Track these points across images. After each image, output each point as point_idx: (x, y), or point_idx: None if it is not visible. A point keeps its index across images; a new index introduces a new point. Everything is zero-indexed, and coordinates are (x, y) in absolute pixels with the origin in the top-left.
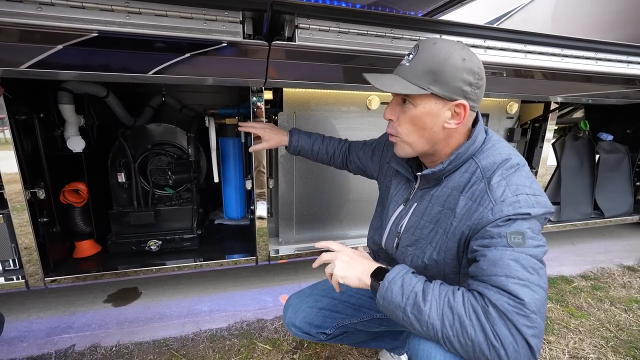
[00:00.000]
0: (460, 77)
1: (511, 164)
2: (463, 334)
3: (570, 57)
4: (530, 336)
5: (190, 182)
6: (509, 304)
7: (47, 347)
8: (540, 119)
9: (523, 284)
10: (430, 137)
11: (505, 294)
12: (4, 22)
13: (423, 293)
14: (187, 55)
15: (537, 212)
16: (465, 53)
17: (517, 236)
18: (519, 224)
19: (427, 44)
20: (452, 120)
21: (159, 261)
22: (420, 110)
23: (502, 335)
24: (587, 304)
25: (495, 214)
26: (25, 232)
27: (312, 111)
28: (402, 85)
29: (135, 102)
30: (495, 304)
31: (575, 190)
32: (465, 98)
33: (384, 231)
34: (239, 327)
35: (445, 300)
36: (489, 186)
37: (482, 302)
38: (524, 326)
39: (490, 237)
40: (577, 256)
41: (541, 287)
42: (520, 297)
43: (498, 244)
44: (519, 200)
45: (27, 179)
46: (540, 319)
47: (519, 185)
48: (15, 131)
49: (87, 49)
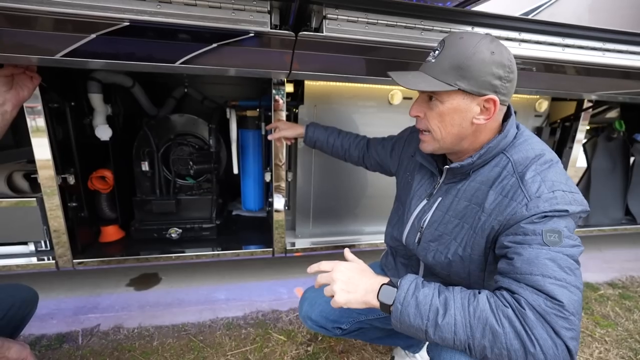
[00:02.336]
0: (489, 70)
1: (545, 159)
2: (497, 343)
3: (612, 51)
4: (569, 339)
5: (211, 172)
6: (547, 305)
7: (74, 325)
8: (572, 118)
9: (560, 285)
10: (458, 134)
11: (542, 295)
12: (42, 11)
13: (445, 308)
14: (214, 45)
15: (575, 210)
16: (495, 46)
17: (553, 234)
18: (555, 221)
19: (454, 39)
20: (481, 115)
21: (178, 249)
22: (448, 107)
23: (540, 340)
24: (615, 313)
25: (531, 209)
26: (55, 215)
27: (333, 104)
28: (427, 83)
29: (158, 93)
30: (532, 304)
31: (605, 194)
32: (495, 92)
33: (405, 226)
34: (255, 316)
35: (471, 310)
36: (523, 181)
37: (515, 305)
38: (563, 329)
39: (524, 233)
40: (604, 263)
41: (578, 288)
42: (559, 299)
43: (533, 241)
44: (556, 197)
45: (59, 165)
46: (577, 321)
47: (554, 181)
48: (49, 119)
49: (118, 38)
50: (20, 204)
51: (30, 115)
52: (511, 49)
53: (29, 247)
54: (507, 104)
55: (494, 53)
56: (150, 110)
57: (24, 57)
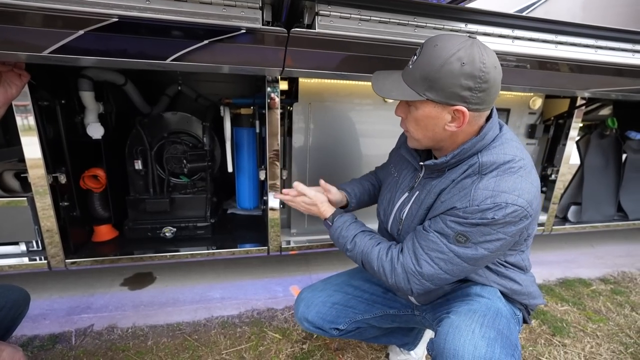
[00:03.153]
0: (457, 82)
1: (510, 165)
2: (375, 272)
3: (605, 48)
4: (415, 286)
5: (205, 171)
6: (413, 269)
7: (67, 325)
8: (565, 116)
9: (430, 263)
10: (433, 137)
11: (414, 262)
12: (29, 6)
13: (352, 246)
14: (206, 42)
15: (501, 219)
16: (468, 55)
17: (462, 237)
18: (475, 228)
19: (429, 47)
20: (453, 123)
21: (173, 248)
22: (421, 113)
23: (397, 279)
24: (606, 308)
25: (466, 212)
26: (47, 215)
27: (327, 102)
28: (400, 91)
29: (152, 90)
30: (405, 264)
31: (598, 191)
32: (464, 102)
33: (389, 217)
34: (250, 315)
35: (365, 254)
36: (477, 185)
37: (395, 259)
38: (414, 283)
39: (445, 224)
40: (596, 259)
41: (443, 270)
42: (422, 269)
43: (445, 232)
44: (492, 208)
45: (50, 163)
46: (428, 284)
47: (504, 191)
48: (39, 117)
49: (107, 34)
50: (11, 204)
51: (19, 113)
52: (504, 46)
53: (20, 247)
54: (483, 111)
55: (464, 64)
56: (143, 108)
57: (10, 54)
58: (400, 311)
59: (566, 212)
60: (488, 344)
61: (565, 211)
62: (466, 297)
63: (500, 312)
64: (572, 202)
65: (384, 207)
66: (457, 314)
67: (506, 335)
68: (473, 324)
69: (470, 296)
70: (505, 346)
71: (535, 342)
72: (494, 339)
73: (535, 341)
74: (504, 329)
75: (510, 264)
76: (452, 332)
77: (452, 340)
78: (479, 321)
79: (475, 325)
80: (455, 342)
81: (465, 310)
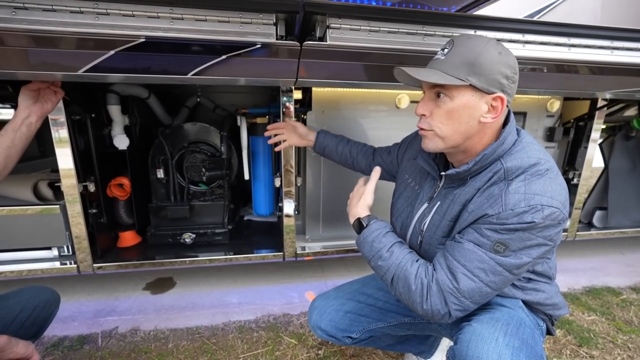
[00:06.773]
0: (497, 69)
1: (537, 169)
2: (409, 295)
3: (621, 49)
4: (454, 310)
5: (223, 178)
6: (449, 285)
7: (94, 327)
8: (586, 118)
9: (469, 277)
10: (465, 131)
11: (451, 277)
12: (67, 31)
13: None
14: (224, 57)
15: (541, 222)
16: (501, 48)
17: (501, 246)
18: (514, 234)
19: (463, 38)
20: (489, 114)
21: (192, 253)
22: (457, 103)
23: (432, 303)
24: (638, 318)
25: (500, 218)
26: (77, 222)
27: (340, 110)
28: (439, 76)
29: (173, 102)
30: (439, 281)
31: (625, 195)
32: (502, 91)
33: (408, 229)
34: (266, 320)
35: (401, 269)
36: (507, 190)
37: (429, 277)
38: (451, 303)
39: (480, 234)
40: (626, 266)
41: (485, 284)
42: (460, 285)
43: (481, 243)
44: (528, 211)
45: (80, 173)
46: (468, 302)
47: (536, 194)
48: (71, 130)
49: (135, 53)
50: (45, 211)
51: (54, 126)
52: (516, 50)
53: (52, 252)
54: (508, 105)
55: (501, 53)
56: (164, 119)
57: (49, 74)
58: (415, 319)
59: (591, 218)
60: (513, 352)
61: (590, 216)
62: (487, 306)
63: (524, 321)
64: (597, 206)
65: (403, 219)
66: (479, 322)
67: (531, 345)
68: (496, 332)
69: (492, 305)
70: (531, 356)
71: (560, 353)
72: (519, 348)
73: (560, 352)
74: (529, 339)
75: (537, 273)
76: (475, 339)
77: (475, 348)
78: (503, 329)
79: (499, 333)
80: (479, 350)
81: (487, 318)
